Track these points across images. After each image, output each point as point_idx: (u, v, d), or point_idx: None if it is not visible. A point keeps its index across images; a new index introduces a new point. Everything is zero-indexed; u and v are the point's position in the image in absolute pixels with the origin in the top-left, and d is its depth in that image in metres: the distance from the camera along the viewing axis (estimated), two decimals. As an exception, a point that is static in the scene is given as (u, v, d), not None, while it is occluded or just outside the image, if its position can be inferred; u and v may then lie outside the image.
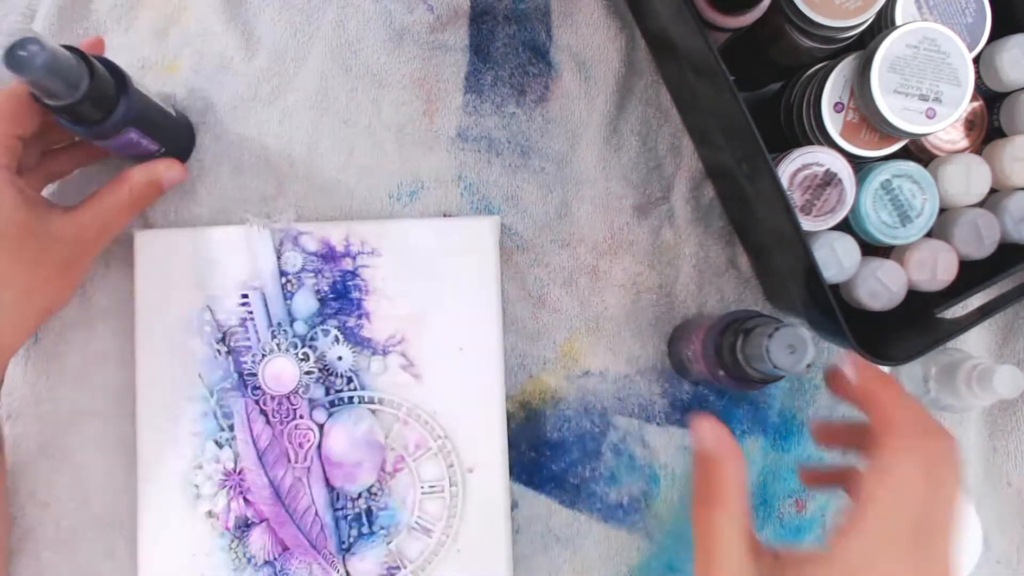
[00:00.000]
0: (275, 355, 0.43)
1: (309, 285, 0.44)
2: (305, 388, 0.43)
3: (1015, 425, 0.50)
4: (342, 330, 0.44)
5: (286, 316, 0.44)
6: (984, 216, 0.42)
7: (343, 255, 0.44)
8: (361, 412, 0.43)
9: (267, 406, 0.43)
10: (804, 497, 0.49)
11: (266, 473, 0.43)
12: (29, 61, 0.33)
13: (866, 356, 0.39)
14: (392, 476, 0.44)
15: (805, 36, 0.40)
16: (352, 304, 0.44)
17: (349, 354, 0.43)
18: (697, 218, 0.50)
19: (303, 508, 0.43)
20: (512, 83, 0.49)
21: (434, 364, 0.44)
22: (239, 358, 0.43)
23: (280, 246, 0.44)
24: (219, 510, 0.43)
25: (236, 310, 0.43)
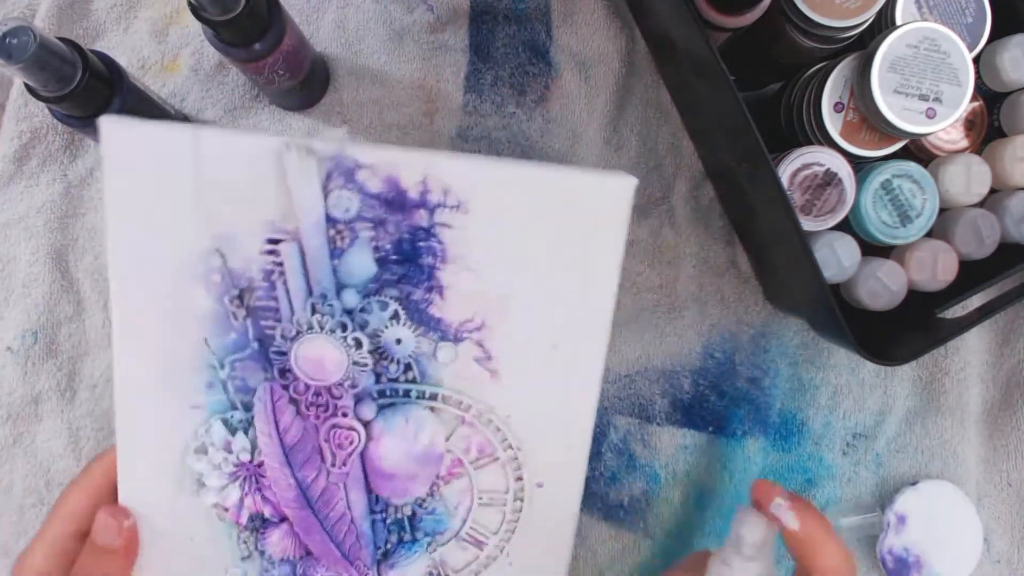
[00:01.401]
0: (314, 335, 0.33)
1: (365, 239, 0.32)
2: (352, 382, 0.34)
3: (1015, 425, 0.50)
4: (404, 304, 0.33)
5: (331, 280, 0.33)
6: (984, 216, 0.42)
7: (416, 204, 0.32)
8: (421, 415, 0.34)
9: (299, 394, 0.34)
10: (804, 497, 0.49)
11: (293, 474, 0.35)
12: (20, 50, 0.33)
13: (866, 356, 0.39)
14: (446, 482, 0.36)
15: (805, 36, 0.40)
16: (422, 272, 0.33)
17: (411, 337, 0.33)
18: (697, 218, 0.50)
19: (336, 516, 0.36)
20: (512, 83, 0.49)
21: (517, 360, 0.34)
22: (260, 322, 0.33)
23: (328, 180, 0.31)
24: (230, 504, 0.35)
25: (258, 258, 0.32)
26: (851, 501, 0.50)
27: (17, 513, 0.46)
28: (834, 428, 0.50)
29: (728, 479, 0.48)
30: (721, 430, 0.49)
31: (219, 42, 0.39)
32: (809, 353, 0.50)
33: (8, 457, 0.47)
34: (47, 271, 0.47)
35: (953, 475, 0.50)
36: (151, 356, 0.33)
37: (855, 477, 0.50)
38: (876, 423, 0.50)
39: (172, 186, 0.31)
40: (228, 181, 0.31)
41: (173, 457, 0.34)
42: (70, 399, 0.47)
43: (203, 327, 0.33)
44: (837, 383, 0.50)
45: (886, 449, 0.50)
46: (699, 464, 0.49)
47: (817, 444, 0.50)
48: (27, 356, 0.47)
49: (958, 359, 0.50)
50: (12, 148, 0.48)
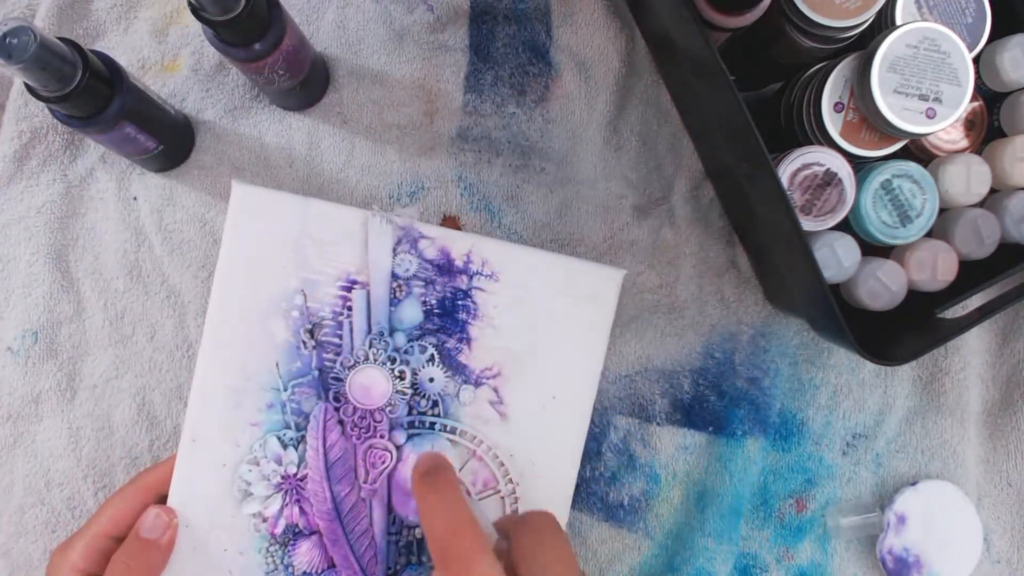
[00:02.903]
0: (369, 365, 0.40)
1: (417, 294, 0.40)
2: (392, 407, 0.40)
3: (1015, 425, 0.50)
4: (440, 350, 0.40)
5: (387, 323, 0.40)
6: (984, 216, 0.42)
7: (460, 271, 0.40)
8: (442, 443, 0.41)
9: (347, 416, 0.40)
10: (804, 497, 0.49)
11: (331, 487, 0.40)
12: (20, 50, 0.33)
13: (866, 356, 0.39)
14: None
15: (805, 36, 0.40)
16: (457, 325, 0.40)
17: (442, 377, 0.40)
18: (697, 218, 0.50)
19: (361, 530, 0.40)
20: (512, 83, 0.49)
21: (524, 406, 0.41)
22: (323, 354, 0.40)
23: (397, 245, 0.40)
24: (269, 514, 0.40)
25: (332, 301, 0.39)
26: (851, 501, 0.50)
27: (17, 513, 0.46)
28: (834, 428, 0.50)
29: (728, 479, 0.48)
30: (721, 430, 0.49)
31: (219, 42, 0.39)
32: (809, 353, 0.50)
33: (8, 457, 0.47)
34: (47, 271, 0.47)
35: (953, 475, 0.50)
36: (229, 374, 0.39)
37: (855, 477, 0.50)
38: (876, 423, 0.50)
39: (278, 238, 0.39)
40: (323, 238, 0.39)
41: (228, 467, 0.39)
42: (70, 399, 0.47)
43: (276, 354, 0.39)
44: (837, 383, 0.50)
45: (886, 449, 0.50)
46: (699, 464, 0.49)
47: (817, 444, 0.50)
48: (27, 356, 0.47)
49: (958, 359, 0.50)
50: (12, 148, 0.48)
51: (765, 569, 0.49)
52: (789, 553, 0.49)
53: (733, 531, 0.48)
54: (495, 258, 0.40)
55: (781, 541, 0.49)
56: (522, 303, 0.41)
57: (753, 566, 0.49)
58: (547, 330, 0.41)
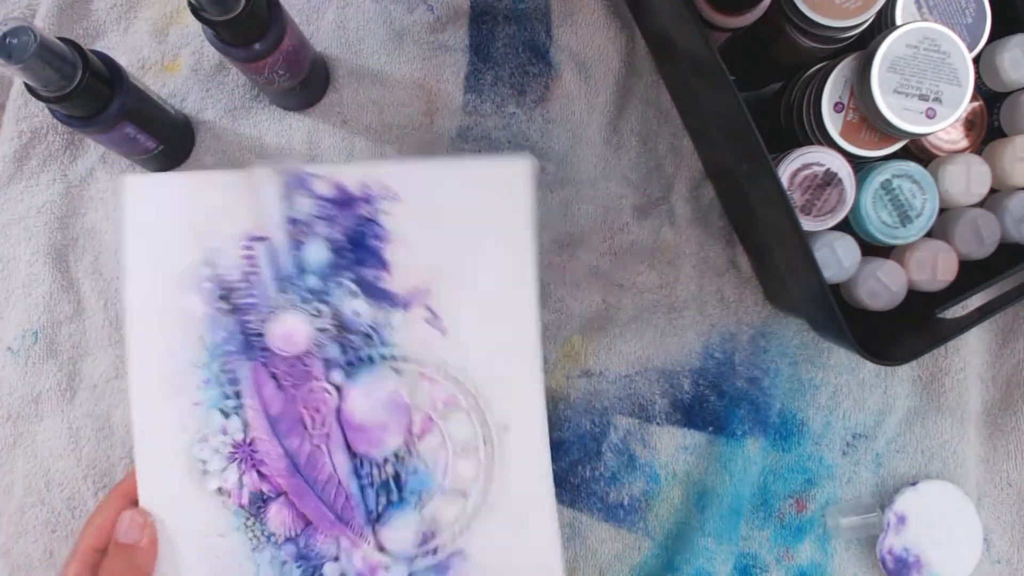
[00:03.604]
0: (283, 311, 0.39)
1: (321, 233, 0.39)
2: (320, 347, 0.39)
3: (1015, 425, 0.50)
4: (359, 283, 0.39)
5: (295, 268, 0.39)
6: (984, 216, 0.42)
7: (360, 200, 0.39)
8: (383, 371, 0.39)
9: (277, 368, 0.39)
10: (804, 497, 0.49)
11: (280, 443, 0.39)
12: (20, 50, 0.33)
13: (866, 356, 0.39)
14: (420, 438, 0.40)
15: (805, 36, 0.40)
16: (370, 253, 0.39)
17: (367, 308, 0.39)
18: (697, 218, 0.50)
19: (324, 478, 0.39)
20: (512, 83, 0.49)
21: (462, 317, 0.39)
22: (243, 317, 0.39)
23: (288, 191, 0.39)
24: (230, 486, 0.39)
25: (238, 263, 0.39)
26: (851, 501, 0.50)
27: (17, 513, 0.46)
28: (834, 428, 0.50)
29: (728, 479, 0.48)
30: (721, 430, 0.49)
31: (219, 42, 0.39)
32: (809, 353, 0.50)
33: (8, 457, 0.47)
34: (47, 271, 0.47)
35: (953, 475, 0.50)
36: (159, 363, 0.38)
37: (855, 477, 0.50)
38: (876, 423, 0.50)
39: (174, 218, 0.38)
40: (214, 205, 0.38)
41: (182, 451, 0.39)
42: (70, 399, 0.47)
43: (199, 328, 0.38)
44: (837, 383, 0.50)
45: (886, 449, 0.50)
46: (699, 464, 0.49)
47: (817, 444, 0.50)
48: (27, 356, 0.47)
49: (958, 359, 0.50)
50: (12, 148, 0.48)
51: (765, 569, 0.49)
52: (789, 553, 0.49)
53: (733, 531, 0.48)
54: (392, 179, 0.39)
55: (781, 541, 0.49)
56: (432, 216, 0.39)
57: (753, 566, 0.49)
58: (465, 236, 0.39)
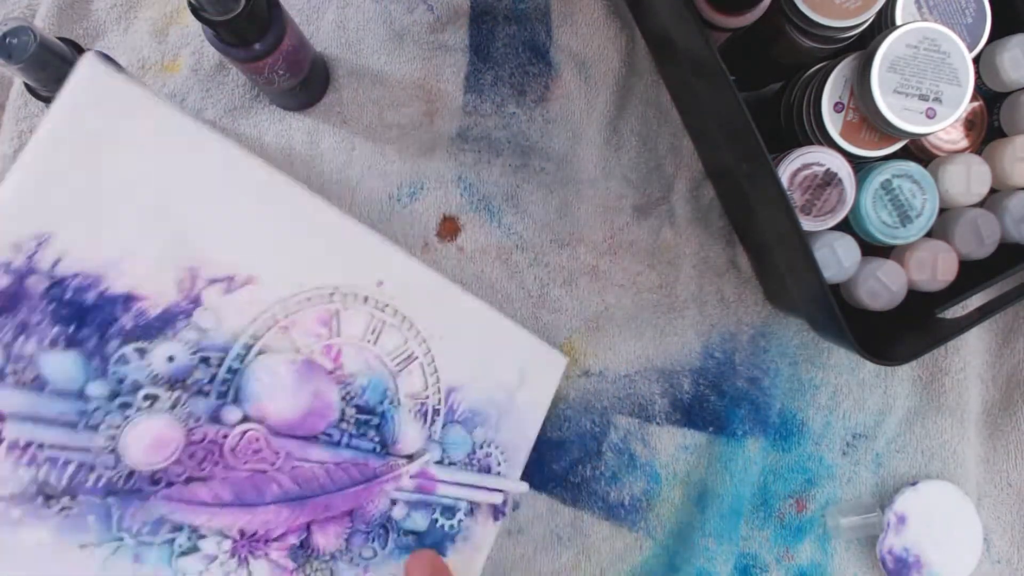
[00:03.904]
0: (124, 433, 0.30)
1: (35, 348, 0.29)
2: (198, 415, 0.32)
3: (1015, 425, 0.50)
4: (133, 337, 0.31)
5: (63, 401, 0.30)
6: (984, 216, 0.42)
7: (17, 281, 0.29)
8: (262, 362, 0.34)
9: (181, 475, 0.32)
10: (804, 497, 0.49)
11: (265, 507, 0.34)
12: (20, 50, 0.33)
13: (866, 356, 0.39)
14: (341, 366, 0.36)
15: (805, 36, 0.40)
16: (102, 307, 0.30)
17: (172, 345, 0.32)
18: (697, 218, 0.50)
19: (324, 481, 0.36)
20: (512, 83, 0.49)
21: (247, 249, 0.34)
22: (86, 487, 0.30)
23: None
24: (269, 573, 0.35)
25: (7, 465, 0.29)
26: (851, 501, 0.50)
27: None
28: (834, 428, 0.50)
29: (728, 479, 0.48)
30: (721, 430, 0.49)
31: (219, 42, 0.39)
32: (809, 353, 0.50)
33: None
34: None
35: (953, 475, 0.50)
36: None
37: (855, 477, 0.50)
38: (876, 423, 0.50)
39: None
40: None
41: None
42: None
43: (68, 544, 0.30)
44: (837, 383, 0.50)
45: (886, 449, 0.50)
46: (699, 464, 0.49)
47: (817, 444, 0.50)
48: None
49: (958, 359, 0.50)
50: (12, 148, 0.47)
51: (765, 569, 0.49)
52: (789, 553, 0.49)
53: (733, 531, 0.48)
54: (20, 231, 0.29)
55: (781, 541, 0.49)
56: (96, 210, 0.30)
57: (753, 566, 0.49)
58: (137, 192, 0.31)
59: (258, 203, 0.34)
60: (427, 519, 0.39)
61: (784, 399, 0.49)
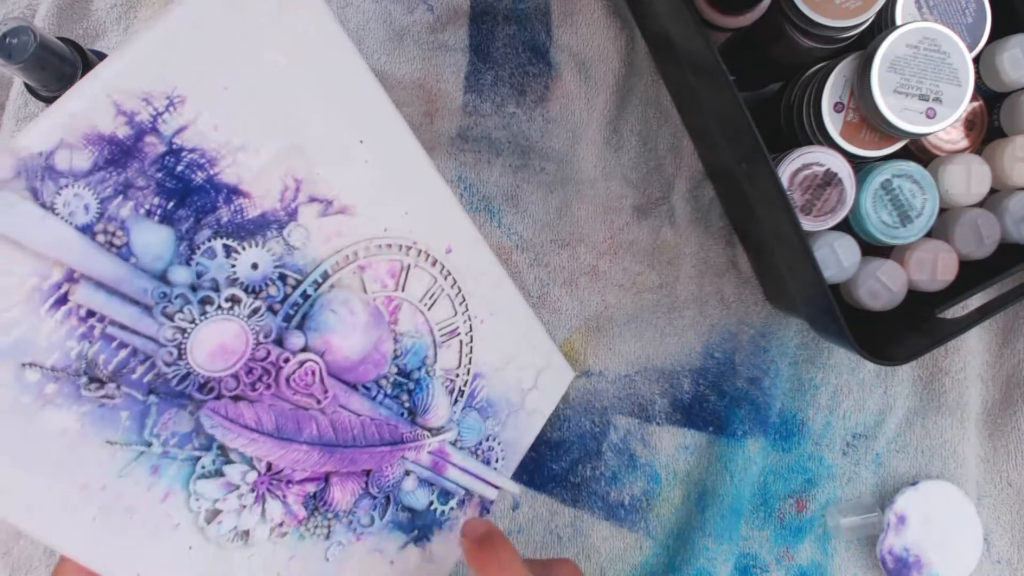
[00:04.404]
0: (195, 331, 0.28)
1: (131, 213, 0.26)
2: (267, 332, 0.30)
3: (1015, 425, 0.50)
4: (225, 233, 0.29)
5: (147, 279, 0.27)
6: (984, 216, 0.42)
7: (137, 138, 0.26)
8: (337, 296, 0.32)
9: (233, 389, 0.30)
10: (804, 497, 0.49)
11: (298, 444, 0.33)
12: (20, 50, 0.33)
13: (866, 356, 0.39)
14: (395, 322, 0.35)
15: (805, 36, 0.40)
16: (207, 191, 0.28)
17: (259, 252, 0.30)
18: (697, 218, 0.50)
19: (359, 430, 0.34)
20: (512, 83, 0.49)
21: (351, 180, 0.32)
22: (133, 378, 0.28)
23: (38, 196, 0.25)
24: (280, 517, 0.33)
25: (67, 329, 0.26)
26: (851, 501, 0.50)
27: (17, 513, 0.46)
28: (834, 428, 0.50)
29: (728, 479, 0.48)
30: (721, 430, 0.49)
31: None
32: (809, 353, 0.50)
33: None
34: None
35: (953, 475, 0.50)
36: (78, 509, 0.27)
37: (855, 477, 0.50)
38: (876, 423, 0.50)
39: None
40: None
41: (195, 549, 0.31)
42: (70, 399, 0.47)
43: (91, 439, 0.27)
44: (837, 383, 0.50)
45: (886, 449, 0.50)
46: (699, 464, 0.49)
47: (817, 444, 0.50)
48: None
49: (958, 359, 0.50)
50: (12, 148, 0.47)
51: (765, 569, 0.49)
52: (789, 553, 0.49)
53: (733, 531, 0.48)
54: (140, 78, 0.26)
55: (781, 541, 0.49)
56: (235, 93, 0.29)
57: (753, 566, 0.49)
58: (286, 92, 0.30)
59: (376, 140, 0.33)
60: (427, 499, 0.39)
61: (784, 399, 0.50)
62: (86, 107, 0.25)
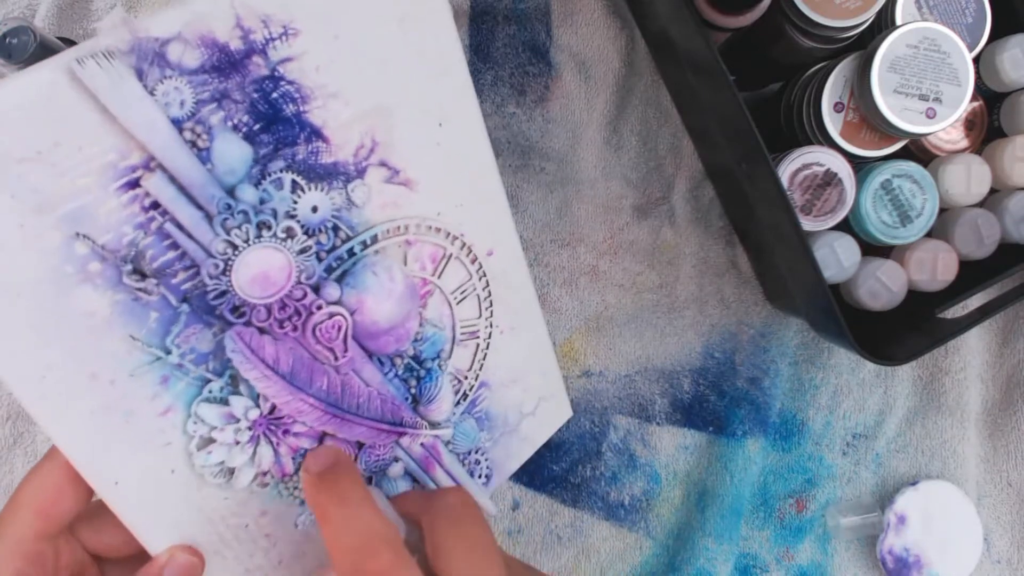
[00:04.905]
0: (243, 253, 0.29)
1: (221, 123, 0.27)
2: (309, 274, 0.31)
3: (1015, 425, 0.50)
4: (297, 169, 0.30)
5: (217, 187, 0.28)
6: (984, 216, 0.42)
7: (246, 54, 0.27)
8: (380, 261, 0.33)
9: (264, 321, 0.30)
10: (804, 497, 0.49)
11: (307, 394, 0.33)
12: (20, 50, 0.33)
13: (866, 356, 0.39)
14: (424, 306, 0.35)
15: (805, 36, 0.40)
16: (293, 125, 0.29)
17: (322, 197, 0.30)
18: (697, 218, 0.50)
19: (364, 399, 0.34)
20: (512, 83, 0.49)
21: (422, 157, 0.33)
22: (174, 282, 0.28)
23: (143, 78, 0.25)
24: (268, 465, 0.33)
25: (128, 215, 0.26)
26: (851, 501, 0.50)
27: (17, 513, 0.46)
28: (834, 428, 0.50)
29: (728, 479, 0.48)
30: (721, 430, 0.49)
31: None
32: (809, 353, 0.50)
33: (8, 457, 0.47)
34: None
35: (953, 475, 0.50)
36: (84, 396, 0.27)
37: (855, 477, 0.50)
38: (876, 423, 0.50)
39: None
40: (34, 145, 0.24)
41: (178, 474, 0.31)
42: (70, 399, 0.47)
43: (119, 327, 0.27)
44: (837, 383, 0.50)
45: (886, 449, 0.50)
46: (699, 464, 0.49)
47: (817, 444, 0.50)
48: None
49: (958, 359, 0.50)
50: (12, 148, 0.47)
51: (765, 569, 0.49)
52: (789, 553, 0.49)
53: (733, 531, 0.48)
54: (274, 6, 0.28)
55: (781, 541, 0.49)
56: (344, 43, 0.30)
57: (753, 566, 0.49)
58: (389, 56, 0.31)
59: (454, 128, 0.34)
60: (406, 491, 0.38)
61: (784, 399, 0.50)
62: (210, 10, 0.26)
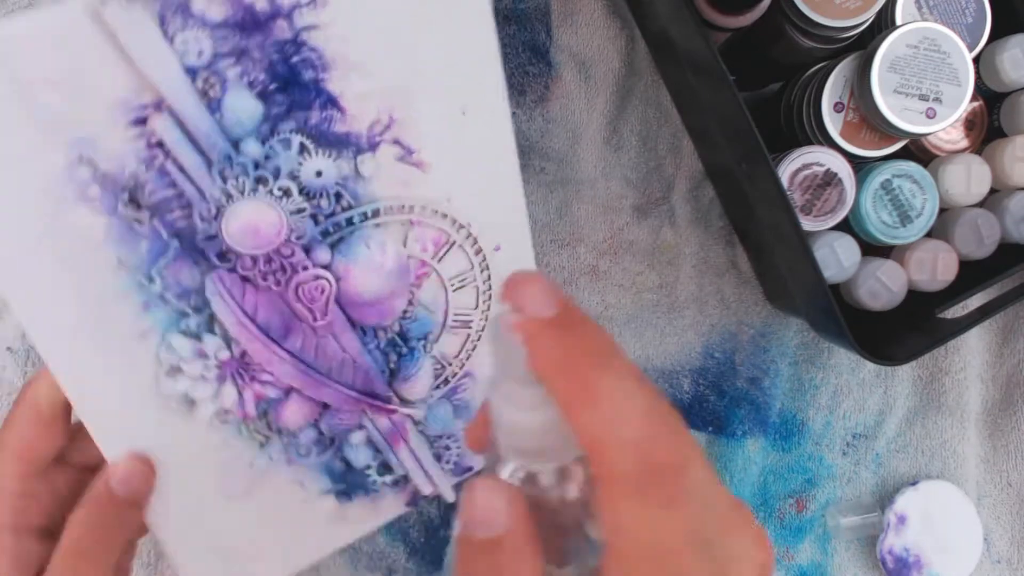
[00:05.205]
0: (239, 203, 0.30)
1: (236, 78, 0.28)
2: (297, 232, 0.31)
3: (1015, 425, 0.50)
4: (307, 133, 0.30)
5: (222, 138, 0.29)
6: (984, 216, 0.42)
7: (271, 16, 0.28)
8: (377, 235, 0.33)
9: (248, 269, 0.31)
10: (804, 497, 0.49)
11: (280, 347, 0.33)
12: None
13: (866, 356, 0.39)
14: (419, 287, 0.35)
15: (805, 36, 0.40)
16: (309, 91, 0.29)
17: (328, 163, 0.31)
18: (697, 218, 0.50)
19: (338, 364, 0.35)
20: (512, 83, 0.49)
21: (439, 141, 0.33)
22: (167, 216, 0.29)
23: (165, 25, 0.26)
24: (230, 404, 0.33)
25: (133, 148, 0.28)
26: (851, 501, 0.50)
27: (17, 513, 0.46)
28: (834, 428, 0.50)
29: (728, 479, 0.48)
30: (721, 430, 0.49)
31: None
32: (809, 353, 0.50)
33: (8, 457, 0.47)
34: (47, 271, 0.47)
35: (953, 475, 0.50)
36: (67, 309, 0.29)
37: (855, 477, 0.50)
38: (876, 423, 0.50)
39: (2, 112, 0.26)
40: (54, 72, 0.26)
41: (144, 395, 0.32)
42: (70, 399, 0.47)
43: (108, 249, 0.28)
44: (837, 383, 0.50)
45: (886, 449, 0.50)
46: (699, 464, 0.49)
47: (817, 444, 0.50)
48: (27, 357, 0.47)
49: (958, 359, 0.50)
50: (12, 148, 0.48)
51: (765, 569, 0.49)
52: (789, 553, 0.49)
53: (733, 531, 0.48)
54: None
55: (781, 541, 0.49)
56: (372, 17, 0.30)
57: (753, 566, 0.49)
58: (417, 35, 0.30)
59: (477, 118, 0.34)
60: (366, 461, 0.37)
61: (784, 399, 0.50)
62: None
